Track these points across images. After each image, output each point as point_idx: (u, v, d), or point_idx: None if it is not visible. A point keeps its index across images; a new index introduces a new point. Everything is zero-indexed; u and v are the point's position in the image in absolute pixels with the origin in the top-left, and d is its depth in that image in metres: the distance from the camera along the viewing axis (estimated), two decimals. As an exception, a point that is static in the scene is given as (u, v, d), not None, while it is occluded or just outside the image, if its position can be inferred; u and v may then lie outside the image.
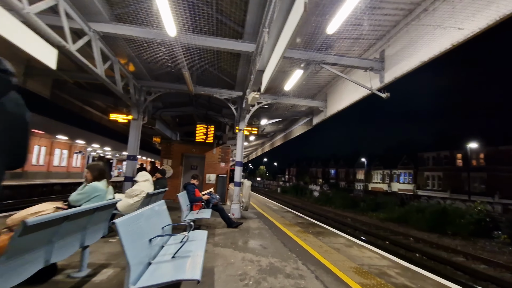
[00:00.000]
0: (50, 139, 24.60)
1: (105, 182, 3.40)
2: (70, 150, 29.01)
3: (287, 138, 15.86)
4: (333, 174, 67.70)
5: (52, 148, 25.50)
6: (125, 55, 6.82)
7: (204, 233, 3.66)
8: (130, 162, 8.31)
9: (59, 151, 26.74)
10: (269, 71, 4.85)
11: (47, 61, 4.24)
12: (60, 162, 26.86)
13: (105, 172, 3.40)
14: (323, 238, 6.24)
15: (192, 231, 3.80)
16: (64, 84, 9.59)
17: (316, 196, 33.69)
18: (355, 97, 7.43)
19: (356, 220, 17.77)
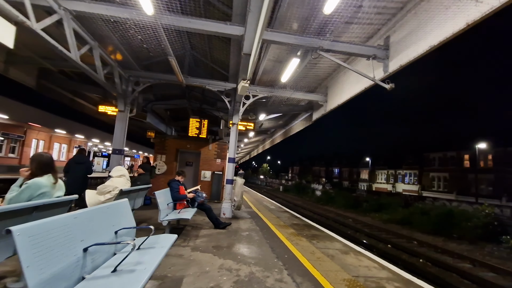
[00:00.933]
0: (49, 133, 24.36)
1: (51, 177, 2.87)
2: (70, 145, 28.80)
3: (287, 134, 15.29)
4: (336, 173, 66.95)
5: (51, 142, 25.28)
6: (107, 40, 6.30)
7: (170, 238, 3.15)
8: (115, 157, 7.83)
9: (58, 145, 26.52)
10: (253, 54, 4.29)
11: (3, 39, 3.74)
12: (59, 156, 26.64)
13: (50, 165, 2.88)
14: (317, 242, 5.69)
15: (157, 235, 3.30)
16: (51, 74, 9.14)
17: (318, 195, 33.08)
18: (356, 89, 6.83)
19: (357, 221, 17.16)
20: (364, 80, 6.20)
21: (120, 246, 2.75)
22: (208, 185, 12.32)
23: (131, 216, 3.22)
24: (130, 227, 2.87)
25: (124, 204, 3.16)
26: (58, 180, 2.99)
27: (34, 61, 7.71)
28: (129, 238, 3.12)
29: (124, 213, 3.06)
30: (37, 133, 23.09)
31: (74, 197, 3.25)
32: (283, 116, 13.74)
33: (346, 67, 5.95)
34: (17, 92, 13.39)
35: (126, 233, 2.98)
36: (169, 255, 4.08)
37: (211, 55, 8.23)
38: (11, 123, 19.55)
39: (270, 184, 64.40)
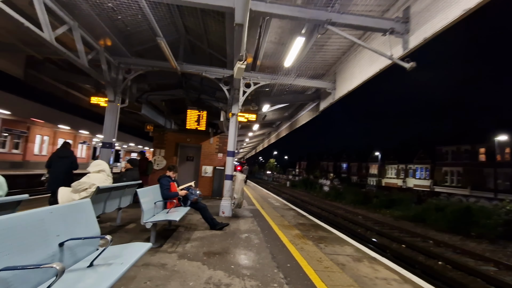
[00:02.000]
0: (53, 128, 24.19)
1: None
2: (75, 140, 28.67)
3: (293, 127, 14.52)
4: (344, 168, 65.74)
5: (55, 138, 25.13)
6: (89, 20, 5.64)
7: (139, 249, 2.50)
8: (105, 151, 7.26)
9: (63, 141, 26.35)
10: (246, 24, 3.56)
11: None
12: (64, 152, 26.50)
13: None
14: (325, 246, 4.98)
15: (126, 245, 2.66)
16: (41, 64, 8.60)
17: (326, 190, 32.24)
18: (369, 72, 6.03)
19: (367, 218, 16.33)
20: (380, 60, 5.41)
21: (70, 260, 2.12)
22: (210, 181, 11.72)
23: (90, 222, 2.58)
24: (83, 237, 2.22)
25: (75, 208, 2.51)
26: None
27: (17, 48, 7.14)
28: (91, 248, 2.50)
29: (74, 218, 2.41)
30: (40, 129, 22.92)
31: (20, 197, 2.62)
32: (288, 107, 12.97)
33: (359, 43, 5.14)
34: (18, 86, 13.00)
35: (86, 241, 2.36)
36: (149, 265, 3.46)
37: (207, 39, 7.53)
38: (14, 118, 19.35)
39: (277, 180, 63.73)
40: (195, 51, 8.48)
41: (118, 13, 5.55)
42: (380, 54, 4.92)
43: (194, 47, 8.30)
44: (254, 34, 5.99)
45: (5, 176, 10.41)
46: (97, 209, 4.37)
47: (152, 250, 4.03)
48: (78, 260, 2.22)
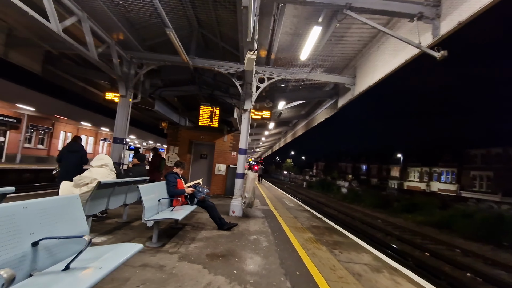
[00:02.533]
0: (76, 125, 25.09)
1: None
2: (96, 137, 29.65)
3: (309, 125, 14.02)
4: (364, 170, 63.80)
5: (78, 134, 26.04)
6: (100, 13, 5.55)
7: (126, 250, 2.24)
8: (116, 146, 7.21)
9: (85, 137, 27.32)
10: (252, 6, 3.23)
11: None
12: (86, 148, 27.45)
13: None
14: (340, 253, 4.56)
15: (113, 245, 2.42)
16: (58, 59, 8.73)
17: (344, 192, 31.28)
18: (394, 64, 5.51)
19: (387, 223, 15.51)
20: (406, 50, 4.90)
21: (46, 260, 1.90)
22: (223, 180, 11.52)
23: (78, 218, 2.37)
24: (56, 236, 1.99)
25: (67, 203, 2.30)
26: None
27: (33, 43, 7.24)
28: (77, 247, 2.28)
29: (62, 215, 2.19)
30: (64, 125, 23.83)
31: (5, 190, 2.45)
32: (305, 105, 12.52)
33: (383, 30, 4.67)
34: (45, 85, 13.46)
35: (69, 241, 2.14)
36: (146, 266, 3.23)
37: (220, 32, 7.26)
38: (40, 115, 20.21)
39: (294, 180, 62.97)
40: (208, 45, 8.25)
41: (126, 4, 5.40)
42: (406, 42, 4.42)
43: (207, 41, 8.08)
44: (268, 24, 5.67)
45: (32, 170, 10.72)
46: (100, 205, 4.23)
47: (153, 250, 3.81)
48: (57, 262, 2.00)
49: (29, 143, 20.34)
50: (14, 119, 18.25)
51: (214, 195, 11.24)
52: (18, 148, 19.00)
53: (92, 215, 4.02)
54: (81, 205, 2.46)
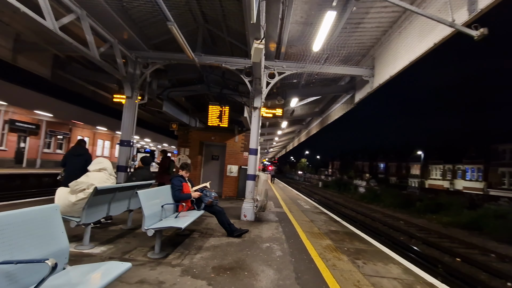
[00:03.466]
0: (92, 130, 25.59)
1: None
2: (112, 141, 30.17)
3: (324, 123, 13.41)
4: (382, 168, 61.82)
5: (94, 139, 26.59)
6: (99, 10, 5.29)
7: (108, 272, 1.87)
8: (123, 149, 6.99)
9: (102, 141, 27.86)
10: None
11: None
12: (102, 152, 28.01)
13: None
14: (364, 264, 4.04)
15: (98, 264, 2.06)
16: (67, 63, 8.67)
17: (362, 192, 30.20)
18: (419, 50, 4.92)
19: (410, 224, 14.59)
20: (435, 32, 4.32)
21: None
22: (235, 181, 11.15)
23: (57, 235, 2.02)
24: (12, 261, 1.63)
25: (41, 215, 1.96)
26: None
27: (40, 47, 7.15)
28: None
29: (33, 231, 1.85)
30: (81, 130, 24.34)
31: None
32: (319, 101, 11.94)
33: (410, 9, 4.10)
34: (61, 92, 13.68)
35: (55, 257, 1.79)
36: (144, 283, 2.86)
37: (227, 26, 6.89)
38: (58, 121, 20.70)
39: (309, 180, 61.94)
40: (215, 42, 7.91)
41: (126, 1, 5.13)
42: (438, 21, 3.84)
43: (213, 38, 7.74)
44: (276, 13, 5.22)
45: (51, 174, 10.69)
46: (99, 212, 3.93)
47: (154, 262, 3.46)
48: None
49: (48, 148, 20.86)
50: (33, 125, 18.75)
51: (226, 197, 10.91)
52: (38, 153, 19.52)
53: (89, 223, 3.71)
54: (60, 217, 2.12)
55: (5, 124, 16.54)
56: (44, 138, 20.04)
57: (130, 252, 3.78)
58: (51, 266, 1.52)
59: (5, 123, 16.57)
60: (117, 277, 1.95)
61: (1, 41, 6.81)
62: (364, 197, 27.27)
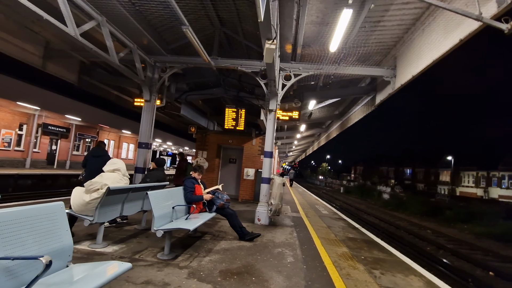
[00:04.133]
0: (118, 133, 26.74)
1: None
2: (136, 144, 31.32)
3: (344, 126, 13.02)
4: (408, 174, 59.07)
5: (120, 142, 27.77)
6: (119, 17, 5.50)
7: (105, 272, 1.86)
8: (142, 151, 7.16)
9: (126, 144, 29.02)
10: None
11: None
12: (127, 155, 29.16)
13: None
14: (381, 274, 3.78)
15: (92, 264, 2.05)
16: (92, 69, 9.11)
17: (386, 199, 28.96)
18: (444, 47, 4.60)
19: (439, 233, 13.70)
20: (461, 27, 4.02)
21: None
22: (252, 184, 11.08)
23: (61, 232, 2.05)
24: (9, 257, 1.65)
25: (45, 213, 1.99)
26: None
27: (67, 54, 7.57)
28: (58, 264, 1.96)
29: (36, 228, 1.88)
30: (107, 134, 25.53)
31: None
32: (338, 103, 11.64)
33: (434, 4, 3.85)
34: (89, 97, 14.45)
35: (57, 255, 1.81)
36: (149, 284, 2.85)
37: (242, 29, 6.89)
38: (86, 124, 21.85)
39: (330, 185, 60.53)
40: (232, 45, 7.95)
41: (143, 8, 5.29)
42: (463, 15, 3.56)
43: (230, 41, 7.78)
44: (290, 13, 5.14)
45: (75, 175, 11.24)
46: (112, 211, 4.02)
47: (162, 263, 3.45)
48: (22, 285, 1.66)
49: (77, 151, 22.05)
50: (64, 128, 19.92)
51: (243, 200, 10.86)
52: (67, 155, 20.68)
53: (102, 222, 3.80)
54: (65, 215, 2.15)
55: (38, 128, 17.71)
56: (74, 141, 21.20)
57: (141, 252, 3.81)
58: (45, 263, 1.52)
59: (39, 127, 17.74)
60: (116, 276, 1.93)
61: (32, 49, 7.27)
62: (388, 204, 26.13)
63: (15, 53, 6.78)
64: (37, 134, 17.80)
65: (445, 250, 10.56)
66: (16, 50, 6.85)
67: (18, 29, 6.67)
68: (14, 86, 13.61)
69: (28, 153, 17.07)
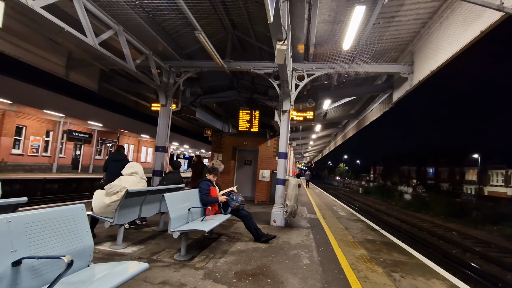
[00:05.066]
0: (137, 138, 27.59)
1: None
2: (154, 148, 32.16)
3: (361, 125, 12.72)
4: (431, 173, 56.73)
5: (139, 146, 28.62)
6: (135, 26, 5.69)
7: (124, 271, 1.92)
8: (159, 154, 7.36)
9: (145, 148, 29.87)
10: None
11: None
12: (146, 158, 30.00)
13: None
14: (401, 277, 3.65)
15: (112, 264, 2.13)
16: (112, 76, 9.48)
17: (408, 199, 27.94)
18: (464, 40, 4.41)
19: (465, 235, 13.04)
20: (482, 19, 3.85)
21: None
22: (267, 186, 11.07)
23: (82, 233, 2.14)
24: (34, 256, 1.74)
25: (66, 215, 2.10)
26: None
27: (87, 63, 7.92)
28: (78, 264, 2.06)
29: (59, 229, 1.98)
30: (127, 138, 26.40)
31: (17, 200, 2.37)
32: (354, 102, 11.41)
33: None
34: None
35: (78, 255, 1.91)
36: (166, 284, 2.92)
37: (254, 31, 6.92)
38: (107, 130, 22.74)
39: (348, 186, 59.27)
40: (244, 48, 8.00)
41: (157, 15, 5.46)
42: (483, 6, 3.39)
43: (243, 44, 7.83)
44: (301, 13, 5.11)
45: (97, 179, 11.70)
46: (131, 213, 4.15)
47: (179, 264, 3.52)
48: (45, 284, 1.75)
49: (99, 155, 22.96)
50: (87, 134, 20.83)
51: (259, 202, 10.86)
52: (90, 160, 21.59)
53: (121, 224, 3.93)
54: (85, 217, 2.25)
55: (63, 134, 18.62)
56: (96, 146, 22.10)
57: (158, 253, 3.90)
58: (67, 263, 1.60)
59: (64, 133, 18.65)
60: (133, 276, 2.00)
61: (56, 59, 7.67)
62: (410, 204, 25.20)
63: (40, 64, 7.17)
64: (62, 140, 18.72)
65: (472, 253, 10.03)
66: (42, 61, 7.25)
67: (43, 42, 7.08)
68: (41, 95, 14.45)
69: (54, 158, 17.98)
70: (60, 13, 5.00)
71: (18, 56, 6.52)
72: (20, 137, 15.99)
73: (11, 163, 15.36)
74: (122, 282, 1.87)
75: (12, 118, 15.18)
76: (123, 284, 1.89)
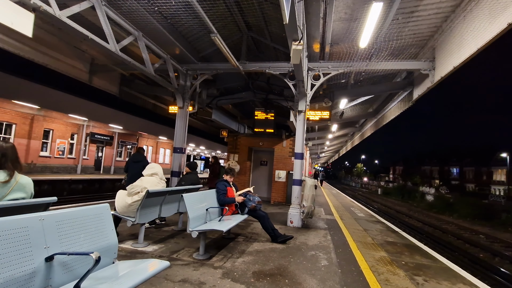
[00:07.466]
0: (155, 139, 28.33)
1: (4, 173, 2.12)
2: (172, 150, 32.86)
3: (379, 124, 12.40)
4: (455, 174, 54.34)
5: (157, 148, 29.37)
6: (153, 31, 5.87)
7: (146, 269, 2.00)
8: (177, 155, 7.53)
9: (163, 150, 30.60)
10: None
11: (21, 27, 3.49)
12: (164, 159, 30.73)
13: (6, 156, 2.14)
14: (424, 281, 3.53)
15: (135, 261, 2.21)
16: (132, 81, 9.81)
17: (430, 200, 26.91)
18: (490, 33, 4.21)
19: (493, 239, 12.38)
20: (509, 9, 3.65)
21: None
22: (283, 186, 11.03)
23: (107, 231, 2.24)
24: (66, 252, 1.83)
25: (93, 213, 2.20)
26: (19, 177, 2.24)
27: (109, 68, 8.24)
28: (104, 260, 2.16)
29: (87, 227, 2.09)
30: (146, 140, 27.16)
31: (48, 199, 2.51)
32: (372, 101, 11.15)
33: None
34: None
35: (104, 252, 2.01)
36: (186, 282, 2.98)
37: (269, 32, 6.94)
38: (127, 132, 23.51)
39: (367, 186, 57.88)
40: (259, 48, 8.04)
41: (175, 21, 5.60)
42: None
43: (258, 45, 7.87)
44: (317, 11, 5.05)
45: (119, 179, 12.10)
46: (151, 213, 4.28)
47: (198, 263, 3.59)
48: (75, 278, 1.85)
49: (119, 157, 23.77)
50: (108, 137, 21.63)
51: (275, 202, 10.85)
52: (112, 161, 22.40)
53: (143, 223, 4.06)
54: (110, 216, 2.35)
55: (87, 137, 19.45)
56: (117, 148, 22.91)
57: (178, 252, 4.00)
58: (95, 259, 1.68)
59: (87, 136, 19.48)
60: (155, 274, 2.07)
61: (80, 65, 8.04)
62: (432, 206, 24.25)
63: (66, 70, 7.55)
64: (86, 142, 19.55)
65: (502, 257, 9.51)
66: (67, 68, 7.63)
67: (68, 49, 7.44)
68: (66, 100, 15.17)
69: (79, 160, 18.83)
70: (84, 21, 5.24)
71: (46, 63, 6.89)
72: (48, 140, 16.87)
73: (40, 164, 16.23)
74: (145, 279, 1.94)
75: (40, 122, 16.04)
76: (146, 281, 1.97)
